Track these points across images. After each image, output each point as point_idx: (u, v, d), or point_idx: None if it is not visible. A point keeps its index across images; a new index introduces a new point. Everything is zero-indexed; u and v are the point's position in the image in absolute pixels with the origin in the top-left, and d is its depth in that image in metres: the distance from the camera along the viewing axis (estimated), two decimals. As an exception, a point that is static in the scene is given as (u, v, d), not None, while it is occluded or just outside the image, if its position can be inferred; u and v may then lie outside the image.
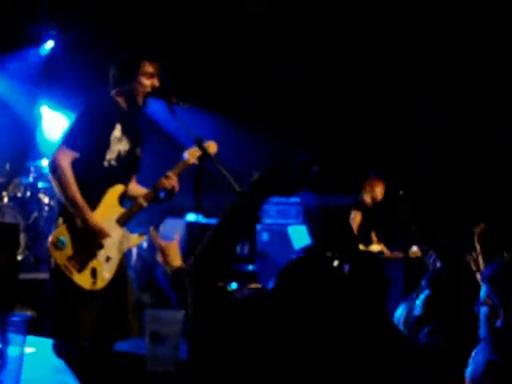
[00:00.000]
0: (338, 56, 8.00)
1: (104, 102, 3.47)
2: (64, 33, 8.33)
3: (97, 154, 3.33)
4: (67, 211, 3.26)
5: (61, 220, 3.29)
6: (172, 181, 3.48)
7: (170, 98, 3.41)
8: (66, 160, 3.23)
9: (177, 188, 3.52)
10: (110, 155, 3.35)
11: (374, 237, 6.63)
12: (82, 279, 3.20)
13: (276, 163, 7.47)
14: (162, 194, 3.53)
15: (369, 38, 7.77)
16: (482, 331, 2.23)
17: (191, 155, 3.52)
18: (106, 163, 3.33)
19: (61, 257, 3.19)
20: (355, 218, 6.40)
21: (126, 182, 3.51)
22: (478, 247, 3.67)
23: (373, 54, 7.86)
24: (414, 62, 7.71)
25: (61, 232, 3.24)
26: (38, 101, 8.48)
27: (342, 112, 8.30)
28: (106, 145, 3.34)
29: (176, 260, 2.31)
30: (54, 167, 3.24)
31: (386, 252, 6.39)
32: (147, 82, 3.42)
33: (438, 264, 5.10)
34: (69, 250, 3.21)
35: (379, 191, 6.45)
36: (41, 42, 8.48)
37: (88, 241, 3.26)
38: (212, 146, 3.55)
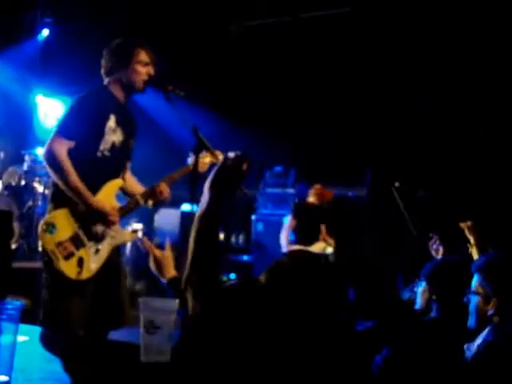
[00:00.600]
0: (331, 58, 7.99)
1: (99, 92, 3.42)
2: (59, 21, 8.28)
3: (91, 145, 3.29)
4: (60, 198, 3.24)
5: (52, 205, 3.28)
6: (164, 193, 3.47)
7: (165, 86, 3.36)
8: (63, 149, 3.20)
9: (167, 199, 3.52)
10: (104, 145, 3.32)
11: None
12: (68, 267, 3.17)
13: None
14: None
15: (364, 40, 7.77)
16: (472, 321, 2.25)
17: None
18: (99, 154, 3.30)
19: (49, 241, 3.17)
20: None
21: (119, 174, 3.48)
22: (471, 239, 3.67)
23: (368, 55, 7.87)
24: (410, 62, 7.71)
25: (53, 217, 3.23)
26: (32, 89, 8.44)
27: (333, 109, 8.31)
28: (100, 135, 3.31)
29: (170, 270, 2.32)
30: (52, 156, 3.20)
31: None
32: (143, 70, 3.38)
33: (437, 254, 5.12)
34: (59, 236, 3.18)
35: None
36: (36, 30, 8.42)
37: (79, 230, 3.24)
38: (216, 155, 3.55)
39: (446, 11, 7.07)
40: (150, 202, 3.49)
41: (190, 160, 3.55)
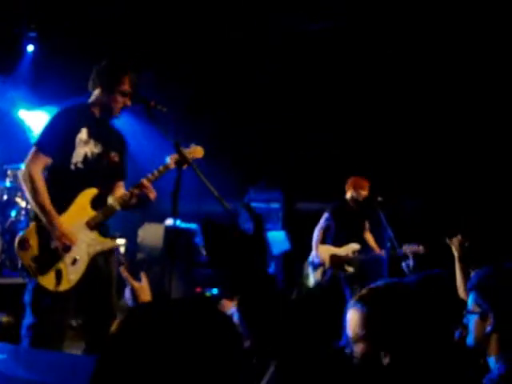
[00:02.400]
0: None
1: (73, 106, 3.56)
2: (44, 36, 8.26)
3: (63, 158, 3.40)
4: (35, 213, 3.34)
5: (32, 222, 3.36)
6: (145, 189, 3.46)
7: (148, 102, 3.46)
8: (38, 166, 3.34)
9: (152, 196, 3.49)
10: (77, 158, 3.41)
11: (368, 235, 6.66)
12: (46, 280, 3.25)
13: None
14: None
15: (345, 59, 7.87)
16: (470, 339, 2.23)
17: (173, 160, 3.53)
18: (72, 166, 3.41)
19: (25, 257, 3.26)
20: (324, 222, 6.47)
21: (103, 187, 3.51)
22: (456, 254, 3.68)
23: (348, 68, 7.97)
24: (395, 74, 7.80)
25: (28, 233, 3.32)
26: (16, 104, 8.39)
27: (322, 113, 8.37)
28: (71, 148, 3.41)
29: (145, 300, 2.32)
30: (27, 175, 3.33)
31: (352, 253, 6.42)
32: (120, 100, 3.49)
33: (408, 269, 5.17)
34: (34, 251, 3.28)
35: (363, 193, 6.46)
36: (21, 45, 8.39)
37: (53, 244, 3.29)
38: (198, 151, 3.60)
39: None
40: (134, 200, 3.48)
41: (168, 159, 3.56)
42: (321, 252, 6.43)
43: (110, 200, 3.52)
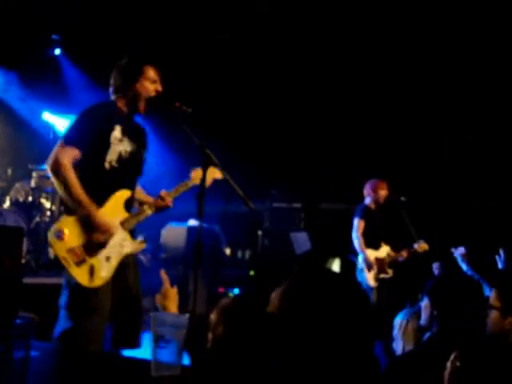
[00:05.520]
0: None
1: (104, 104, 3.45)
2: (68, 39, 8.37)
3: (97, 155, 3.28)
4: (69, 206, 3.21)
5: (64, 216, 3.26)
6: (166, 202, 3.51)
7: (173, 102, 3.39)
8: (67, 158, 3.19)
9: (169, 207, 3.54)
10: (111, 156, 3.31)
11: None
12: (80, 274, 3.15)
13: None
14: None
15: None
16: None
17: (196, 175, 3.53)
18: (107, 164, 3.29)
19: (61, 248, 3.14)
20: (359, 226, 6.36)
21: (131, 186, 3.46)
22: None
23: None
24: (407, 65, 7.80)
25: (63, 223, 3.21)
26: (41, 106, 8.48)
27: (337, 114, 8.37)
28: (105, 145, 3.30)
29: (173, 306, 2.33)
30: (56, 165, 3.19)
31: (391, 253, 6.35)
32: (151, 87, 3.39)
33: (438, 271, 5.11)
34: (70, 242, 3.16)
35: (383, 194, 6.43)
36: (47, 48, 8.52)
37: (90, 237, 3.20)
38: (216, 173, 3.61)
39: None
40: (153, 209, 3.49)
41: (192, 174, 3.58)
42: (369, 255, 6.32)
43: (145, 205, 3.48)
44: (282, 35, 7.84)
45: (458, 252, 4.91)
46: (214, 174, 3.60)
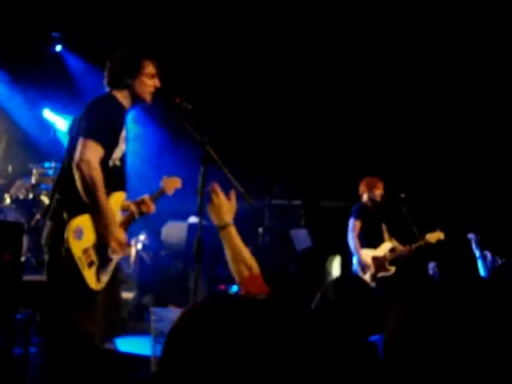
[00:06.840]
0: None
1: (113, 99, 3.28)
2: (69, 37, 8.37)
3: (106, 152, 3.15)
4: (80, 203, 3.03)
5: (69, 210, 3.06)
6: (150, 208, 3.48)
7: (173, 98, 3.31)
8: (97, 159, 3.05)
9: (152, 212, 3.52)
10: (117, 154, 3.23)
11: (385, 234, 6.58)
12: (89, 275, 3.04)
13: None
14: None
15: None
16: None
17: (167, 185, 3.58)
18: (111, 162, 3.20)
19: (78, 247, 2.99)
20: (355, 227, 6.35)
21: (125, 187, 3.39)
22: None
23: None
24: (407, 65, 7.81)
25: (82, 222, 3.04)
26: (41, 105, 8.49)
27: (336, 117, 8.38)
28: (115, 143, 3.20)
29: (225, 216, 2.30)
30: (87, 167, 3.00)
31: (398, 246, 6.33)
32: (150, 82, 3.31)
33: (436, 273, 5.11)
34: (85, 242, 3.02)
35: (378, 192, 6.42)
36: (48, 46, 8.52)
37: (99, 237, 3.09)
38: (176, 182, 3.62)
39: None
40: (138, 214, 3.47)
41: (163, 184, 3.59)
42: (364, 256, 6.28)
43: (133, 208, 3.42)
44: (281, 35, 7.84)
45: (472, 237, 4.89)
46: (175, 183, 3.62)
